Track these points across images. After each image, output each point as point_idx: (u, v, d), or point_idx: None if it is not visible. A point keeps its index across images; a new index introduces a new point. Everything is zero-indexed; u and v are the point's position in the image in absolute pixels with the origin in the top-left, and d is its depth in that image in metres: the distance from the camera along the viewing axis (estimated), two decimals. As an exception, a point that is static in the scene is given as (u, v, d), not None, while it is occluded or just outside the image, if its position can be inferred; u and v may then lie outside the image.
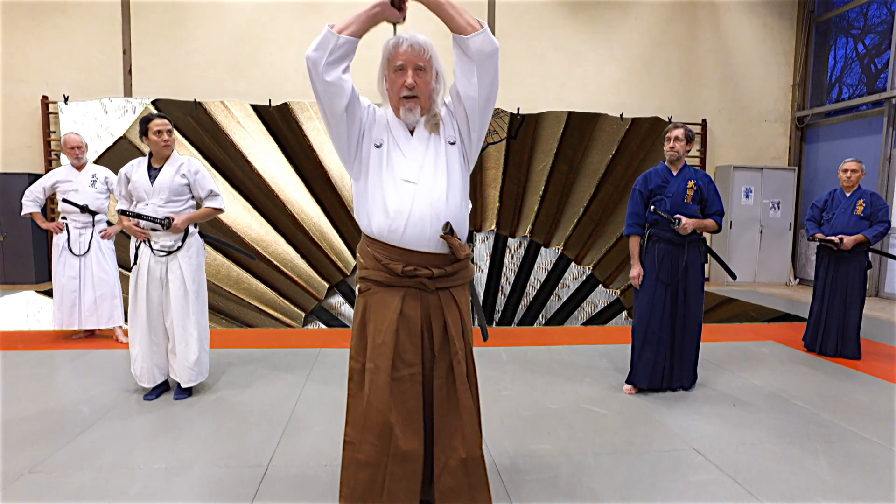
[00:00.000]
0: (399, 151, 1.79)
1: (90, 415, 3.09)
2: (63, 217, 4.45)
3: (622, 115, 8.34)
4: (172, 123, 3.32)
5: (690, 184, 3.51)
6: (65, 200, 4.38)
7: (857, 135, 8.45)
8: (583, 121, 8.15)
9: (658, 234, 3.51)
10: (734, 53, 9.20)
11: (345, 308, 7.50)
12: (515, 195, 8.00)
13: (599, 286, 7.98)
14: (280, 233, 7.54)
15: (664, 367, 3.54)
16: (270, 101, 7.65)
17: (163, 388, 3.41)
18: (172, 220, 3.21)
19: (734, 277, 3.85)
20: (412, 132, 1.83)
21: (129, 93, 7.89)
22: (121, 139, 7.33)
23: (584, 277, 7.97)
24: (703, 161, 9.02)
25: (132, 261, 3.30)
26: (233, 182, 7.48)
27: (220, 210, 3.40)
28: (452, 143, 1.83)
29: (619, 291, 7.95)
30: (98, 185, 4.47)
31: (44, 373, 3.87)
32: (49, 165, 7.70)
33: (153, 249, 3.24)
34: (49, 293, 5.85)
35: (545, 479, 2.47)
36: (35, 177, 7.23)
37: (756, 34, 9.26)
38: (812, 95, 9.38)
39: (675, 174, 3.55)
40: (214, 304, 4.37)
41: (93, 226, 4.47)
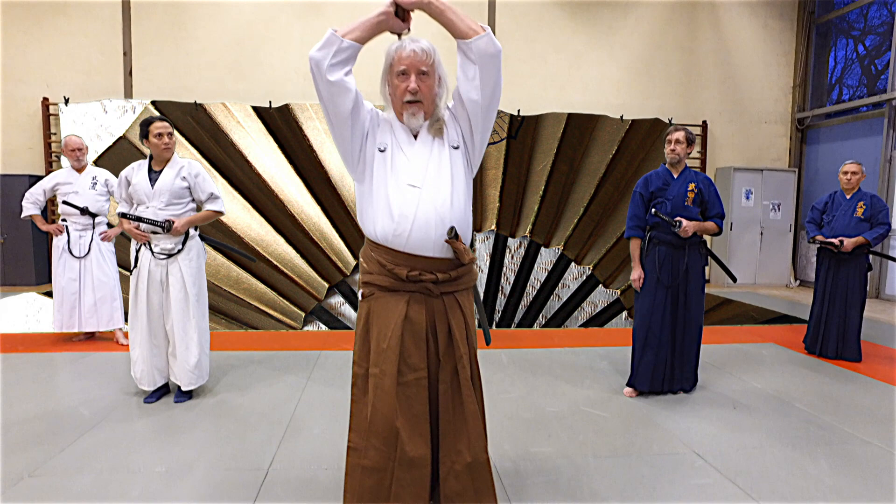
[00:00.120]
0: (403, 156, 1.78)
1: (90, 418, 3.08)
2: (63, 219, 4.45)
3: (622, 117, 8.35)
4: (172, 124, 3.32)
5: (691, 186, 3.51)
6: (65, 202, 4.38)
7: (858, 136, 8.45)
8: (583, 121, 8.16)
9: (659, 237, 3.51)
10: (734, 55, 9.20)
11: (345, 308, 7.50)
12: (515, 195, 8.00)
13: (599, 286, 7.98)
14: (280, 233, 7.54)
15: (665, 370, 3.54)
16: (271, 103, 7.65)
17: (163, 391, 3.41)
18: (173, 223, 3.21)
19: (734, 280, 3.85)
20: (416, 136, 1.82)
21: (130, 94, 7.89)
22: (120, 139, 7.33)
23: (585, 277, 7.97)
24: (704, 162, 9.02)
25: (132, 264, 3.30)
26: (232, 182, 7.48)
27: (221, 213, 3.40)
28: (456, 148, 1.83)
29: (620, 291, 7.95)
30: (98, 188, 4.48)
31: (44, 375, 3.87)
32: (49, 167, 7.70)
33: (153, 252, 3.24)
34: (50, 295, 5.85)
35: (546, 482, 2.46)
36: (35, 178, 7.24)
37: (756, 35, 9.26)
38: (812, 97, 9.38)
39: (676, 177, 3.54)
40: (214, 305, 4.37)
41: (93, 228, 4.47)
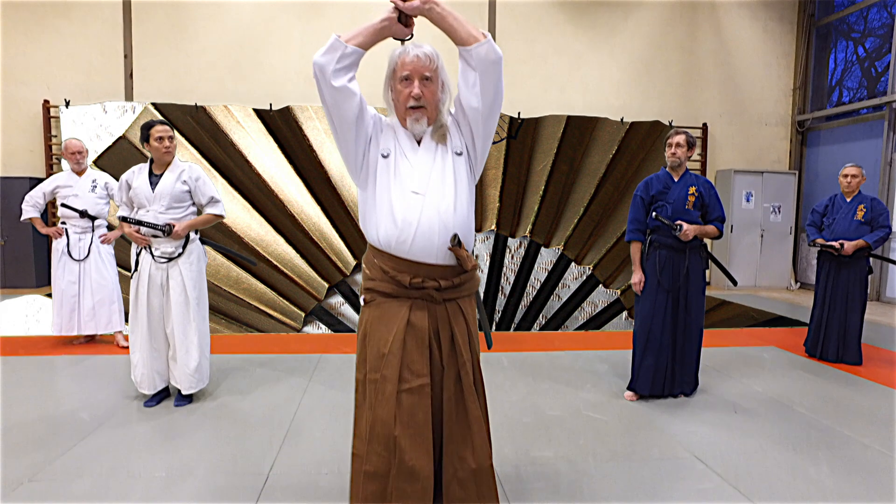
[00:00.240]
0: (407, 162, 1.78)
1: (90, 421, 3.08)
2: (62, 222, 4.45)
3: (622, 119, 8.35)
4: (172, 125, 3.32)
5: (692, 190, 3.51)
6: (63, 205, 4.39)
7: (858, 139, 8.45)
8: (583, 122, 8.16)
9: (659, 241, 3.51)
10: (734, 57, 9.21)
11: (345, 308, 7.49)
12: (515, 195, 8.00)
13: (600, 286, 7.98)
14: (280, 233, 7.54)
15: (665, 374, 3.54)
16: (271, 105, 7.66)
17: (163, 395, 3.40)
18: (173, 227, 3.21)
19: (735, 283, 3.85)
20: (419, 142, 1.82)
21: (131, 96, 7.90)
22: (120, 139, 7.33)
23: (585, 277, 7.97)
24: (704, 165, 9.03)
25: (133, 267, 3.30)
26: (232, 182, 7.48)
27: (221, 217, 3.40)
28: (459, 154, 1.82)
29: (620, 291, 7.95)
30: (98, 191, 4.48)
31: (44, 378, 3.87)
32: (50, 170, 7.71)
33: (154, 256, 3.24)
34: (50, 296, 5.85)
35: (546, 487, 2.46)
36: (36, 181, 7.25)
37: (756, 38, 9.27)
38: (812, 99, 9.39)
39: (677, 180, 3.55)
40: (214, 305, 4.37)
41: (92, 231, 4.47)
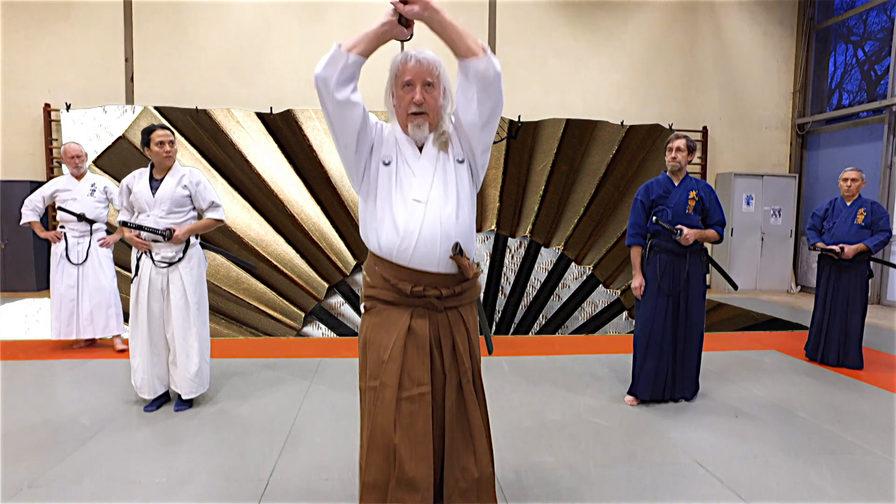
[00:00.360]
0: (408, 169, 1.76)
1: (90, 426, 3.08)
2: (61, 226, 4.45)
3: (623, 123, 8.35)
4: (173, 124, 3.32)
5: (692, 194, 3.51)
6: (61, 209, 4.39)
7: (858, 142, 8.46)
8: (582, 125, 8.17)
9: (660, 245, 3.51)
10: (735, 60, 9.23)
11: (345, 308, 7.48)
12: (516, 195, 7.99)
13: (600, 286, 7.97)
14: (280, 233, 7.53)
15: (666, 378, 3.53)
16: (272, 109, 7.66)
17: (163, 400, 3.40)
18: (174, 232, 3.21)
19: (735, 288, 3.85)
20: (421, 149, 1.80)
21: (131, 100, 7.91)
22: (120, 139, 7.31)
23: (585, 277, 7.96)
24: (704, 168, 9.03)
25: (133, 272, 3.30)
26: (232, 182, 7.47)
27: (222, 221, 3.40)
28: (461, 162, 1.81)
29: (620, 292, 7.94)
30: (97, 194, 4.48)
31: (44, 383, 3.86)
32: (51, 173, 7.72)
33: (154, 260, 3.24)
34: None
35: (547, 493, 2.45)
36: (37, 184, 7.23)
37: (756, 41, 9.29)
38: (812, 102, 9.40)
39: (677, 185, 3.55)
40: (214, 305, 4.36)
41: (90, 234, 4.47)
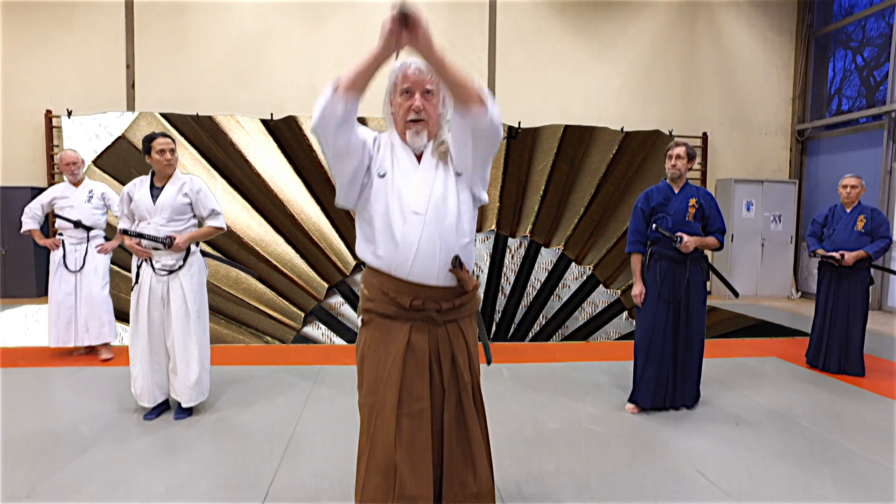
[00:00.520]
0: (406, 180, 1.72)
1: (89, 435, 3.07)
2: (59, 233, 4.46)
3: (623, 129, 8.37)
4: (172, 124, 3.32)
5: (692, 201, 3.51)
6: (59, 216, 4.39)
7: (858, 148, 8.47)
8: (582, 130, 8.19)
9: (660, 252, 3.51)
10: (734, 66, 9.26)
11: (344, 308, 7.47)
12: (516, 195, 7.99)
13: (600, 286, 7.96)
14: (279, 233, 7.53)
15: (667, 386, 3.52)
16: (272, 115, 7.68)
17: (163, 408, 3.39)
18: (174, 239, 3.22)
19: (736, 295, 3.84)
20: (419, 159, 1.75)
21: (132, 106, 7.93)
22: (119, 139, 7.30)
23: (585, 277, 7.96)
24: (704, 174, 9.04)
25: (133, 280, 3.30)
26: (232, 182, 7.47)
27: (222, 230, 3.40)
28: (459, 174, 1.77)
29: (620, 292, 7.93)
30: (94, 201, 4.47)
31: (43, 390, 3.86)
32: (52, 179, 7.73)
33: (154, 268, 3.24)
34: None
35: (548, 502, 2.44)
36: (38, 190, 7.25)
37: (756, 47, 9.32)
38: (812, 108, 9.42)
39: (677, 192, 3.55)
40: (214, 305, 4.35)
41: (87, 241, 4.46)
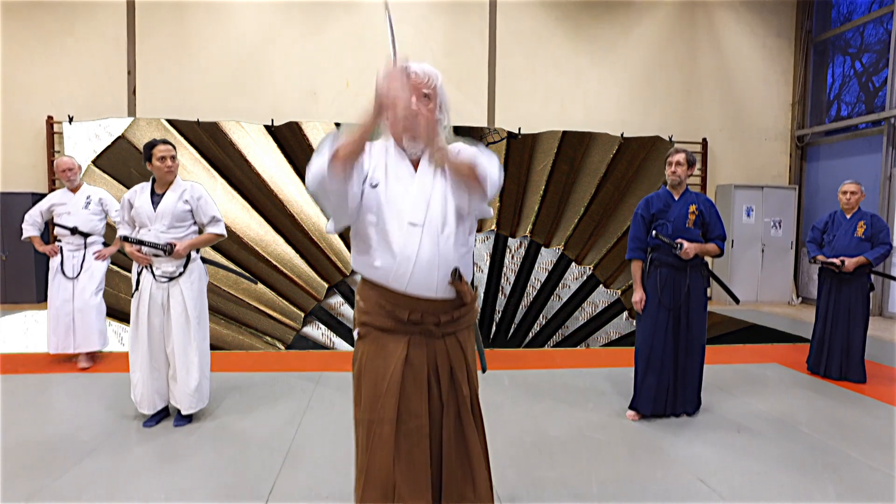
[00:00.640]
0: (402, 189, 1.66)
1: (89, 442, 3.06)
2: (58, 240, 4.46)
3: (623, 135, 8.38)
4: (171, 124, 3.32)
5: (692, 208, 3.51)
6: (56, 224, 4.39)
7: (857, 154, 8.48)
8: (582, 136, 8.21)
9: (660, 259, 3.50)
10: (734, 72, 9.28)
11: (344, 308, 7.45)
12: (516, 195, 8.00)
13: (600, 286, 7.95)
14: (279, 233, 7.52)
15: (668, 393, 3.51)
16: (273, 121, 7.70)
17: (162, 415, 3.38)
18: (174, 246, 3.22)
19: (737, 302, 3.84)
20: (416, 166, 1.69)
21: (133, 112, 7.95)
22: (119, 139, 7.31)
23: (585, 278, 7.94)
24: (704, 180, 9.05)
25: (134, 287, 3.30)
26: (231, 182, 7.47)
27: (222, 236, 3.41)
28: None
29: (620, 292, 7.93)
30: (92, 207, 4.47)
31: (43, 397, 3.85)
32: (53, 185, 7.74)
33: (155, 275, 3.24)
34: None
35: (549, 512, 2.44)
36: (39, 196, 7.26)
37: (755, 53, 9.35)
38: (811, 114, 9.44)
39: (677, 199, 3.55)
40: (214, 305, 4.32)
41: (85, 248, 4.45)
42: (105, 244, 4.62)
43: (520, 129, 8.14)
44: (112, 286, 4.68)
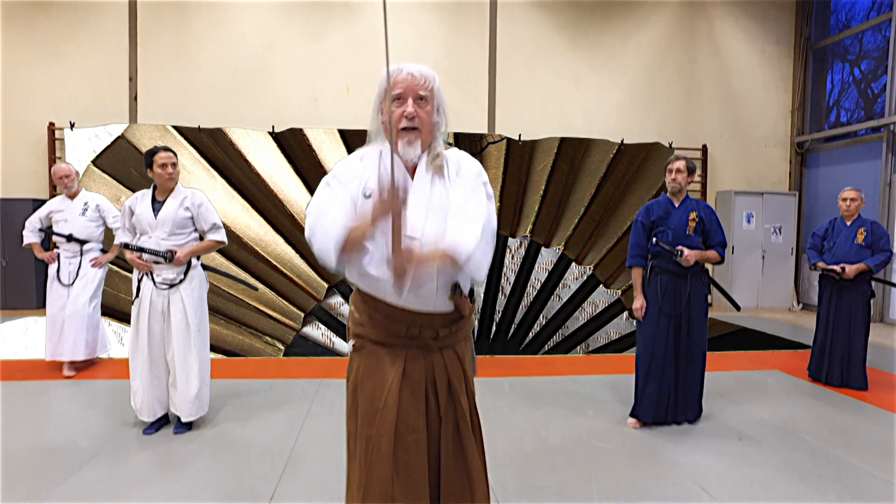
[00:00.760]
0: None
1: (88, 449, 3.05)
2: (56, 246, 4.46)
3: (622, 141, 8.40)
4: (174, 126, 3.33)
5: (692, 215, 3.52)
6: (53, 231, 4.40)
7: (857, 160, 8.50)
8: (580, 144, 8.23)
9: (660, 266, 3.51)
10: (733, 79, 9.31)
11: (344, 308, 7.43)
12: (516, 195, 8.00)
13: (600, 286, 7.94)
14: (279, 233, 7.52)
15: (669, 400, 3.51)
16: (274, 127, 7.72)
17: (162, 422, 3.37)
18: (175, 253, 3.22)
19: (738, 308, 3.84)
20: (413, 174, 1.60)
21: (135, 118, 7.98)
22: (119, 139, 7.32)
23: (585, 278, 7.94)
24: (704, 186, 9.06)
25: (134, 293, 3.30)
26: (231, 181, 7.47)
27: (223, 243, 3.41)
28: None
29: (620, 292, 7.92)
30: (89, 213, 4.46)
31: (42, 404, 3.84)
32: (54, 191, 7.74)
33: (155, 282, 3.24)
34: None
35: (550, 520, 2.43)
36: (40, 202, 7.26)
37: (754, 60, 9.39)
38: (811, 120, 9.46)
39: (677, 206, 3.56)
40: (214, 305, 4.32)
41: (81, 255, 4.44)
42: (103, 251, 4.60)
43: (520, 136, 8.16)
44: (112, 286, 4.66)
